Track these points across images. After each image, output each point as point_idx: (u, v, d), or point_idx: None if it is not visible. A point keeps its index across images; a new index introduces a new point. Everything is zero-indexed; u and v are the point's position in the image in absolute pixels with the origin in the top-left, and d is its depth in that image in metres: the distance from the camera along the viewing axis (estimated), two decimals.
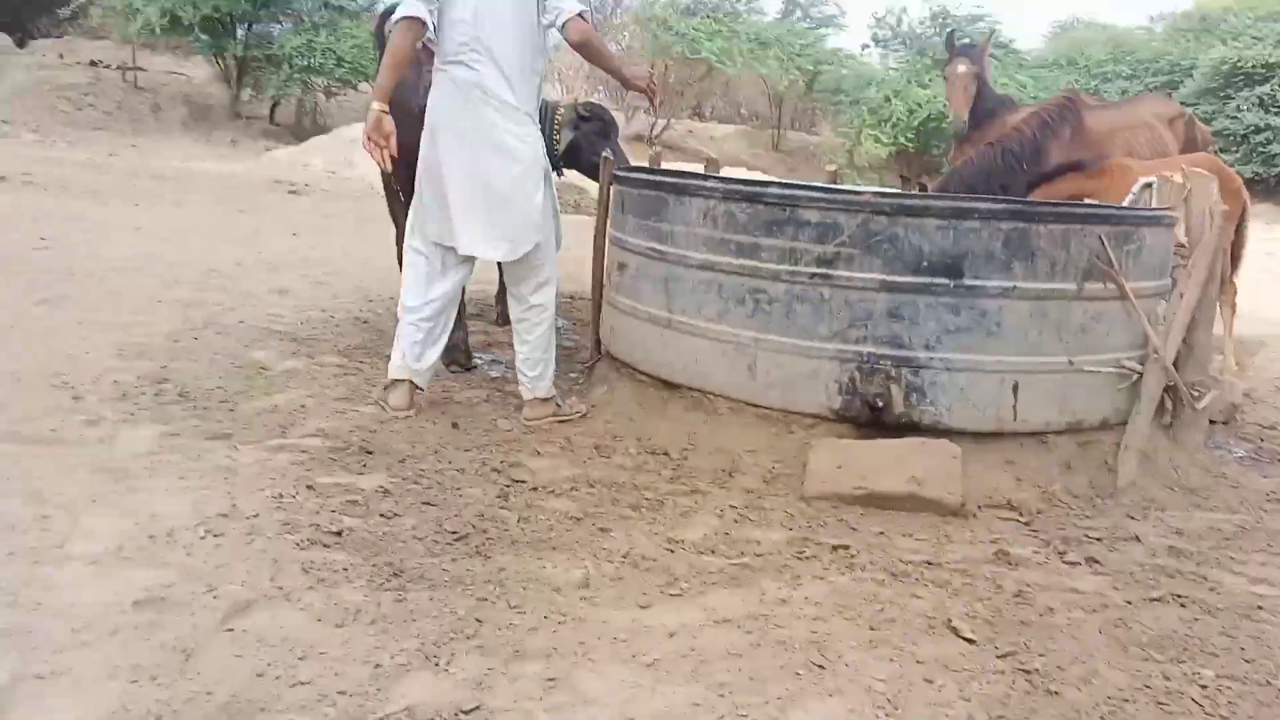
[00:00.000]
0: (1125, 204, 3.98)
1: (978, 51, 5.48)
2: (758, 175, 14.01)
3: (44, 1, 17.07)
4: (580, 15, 3.33)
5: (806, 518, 2.83)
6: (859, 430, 3.12)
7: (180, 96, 15.54)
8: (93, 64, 15.83)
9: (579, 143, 5.10)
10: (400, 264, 4.42)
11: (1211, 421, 3.72)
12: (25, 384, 3.46)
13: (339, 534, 2.48)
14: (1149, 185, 3.94)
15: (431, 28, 3.27)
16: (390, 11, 3.59)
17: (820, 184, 5.00)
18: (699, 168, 5.12)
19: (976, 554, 2.67)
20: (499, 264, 4.32)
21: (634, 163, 5.31)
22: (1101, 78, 19.63)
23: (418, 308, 3.54)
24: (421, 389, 3.62)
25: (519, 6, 3.34)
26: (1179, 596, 2.46)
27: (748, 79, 19.55)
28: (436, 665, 1.94)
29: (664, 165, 5.60)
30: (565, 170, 5.20)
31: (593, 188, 5.06)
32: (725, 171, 6.77)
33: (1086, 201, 4.29)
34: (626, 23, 20.28)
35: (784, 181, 4.49)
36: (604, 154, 4.27)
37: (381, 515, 2.63)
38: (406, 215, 4.19)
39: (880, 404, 3.08)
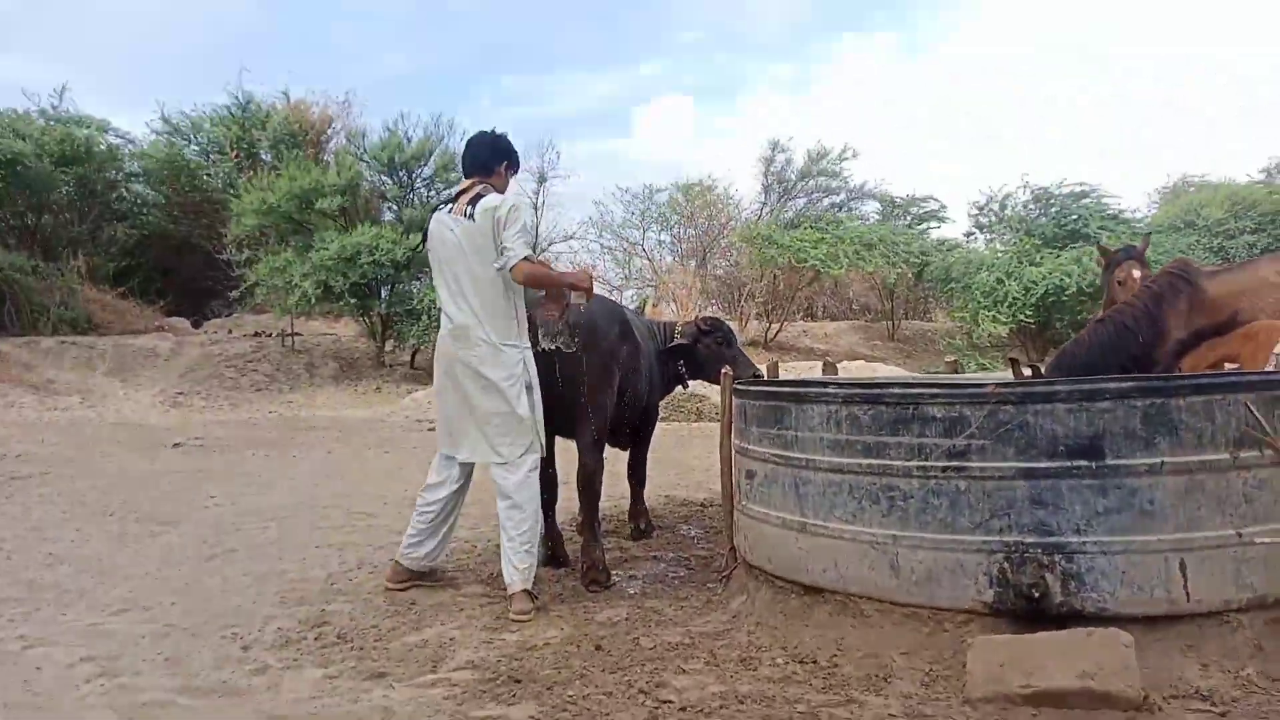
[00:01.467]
0: (1271, 367, 3.83)
1: (1139, 250, 5.55)
2: (877, 369, 14.03)
3: (217, 287, 19.33)
4: (526, 258, 3.98)
5: None
6: (1017, 624, 2.96)
7: (331, 353, 16.99)
8: (256, 335, 17.64)
9: (701, 355, 5.40)
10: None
11: None
12: (200, 638, 3.69)
13: None
14: None
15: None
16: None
17: (941, 375, 5.02)
18: (817, 367, 5.22)
19: None
20: (629, 479, 4.68)
21: (756, 366, 5.50)
22: (1224, 235, 19.25)
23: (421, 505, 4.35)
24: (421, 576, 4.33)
25: (481, 257, 4.02)
26: None
27: (856, 275, 20.04)
28: None
29: (781, 368, 5.75)
30: (690, 381, 5.49)
31: (713, 395, 5.20)
32: (844, 366, 6.86)
33: (1228, 368, 4.14)
34: (734, 241, 21.31)
35: (904, 379, 4.53)
36: (724, 369, 4.45)
37: None
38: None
39: (1037, 594, 2.93)
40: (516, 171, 4.36)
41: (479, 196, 4.05)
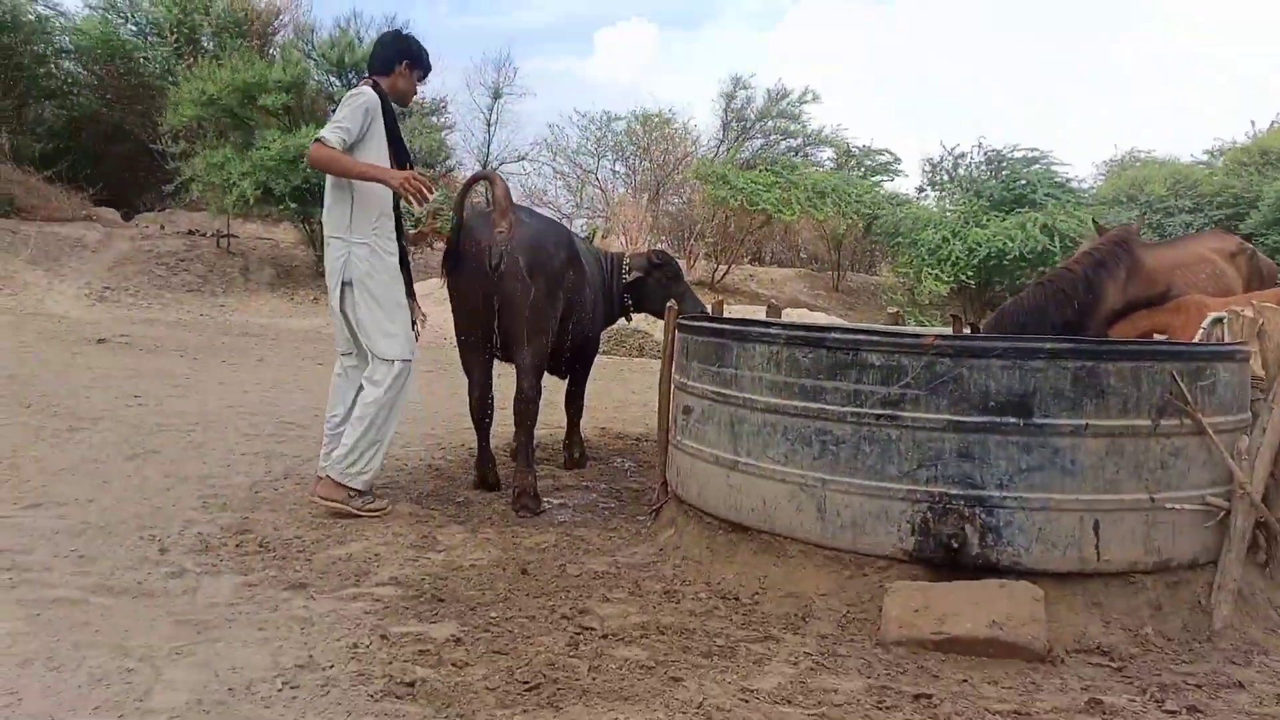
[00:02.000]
0: (1196, 339, 3.94)
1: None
2: (820, 317, 14.18)
3: (149, 179, 18.54)
4: (318, 140, 3.90)
5: (885, 665, 2.74)
6: (935, 572, 3.05)
7: (268, 259, 16.51)
8: (190, 233, 17.02)
9: (651, 288, 5.38)
10: (472, 412, 4.58)
11: None
12: (116, 537, 3.61)
13: (412, 685, 2.48)
14: (1219, 320, 3.92)
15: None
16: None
17: (882, 326, 5.07)
18: (761, 311, 5.24)
19: (1068, 702, 2.54)
20: (565, 408, 4.74)
21: (703, 303, 5.50)
22: (1164, 213, 19.69)
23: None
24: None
25: None
26: None
27: (806, 224, 20.07)
28: None
29: (725, 310, 5.75)
30: (634, 314, 5.47)
31: (656, 331, 5.19)
32: (787, 313, 6.89)
33: (1156, 338, 4.26)
34: (687, 177, 21.13)
35: (846, 326, 4.56)
36: (669, 303, 4.43)
37: (453, 665, 2.62)
38: (478, 365, 4.42)
39: (956, 544, 3.01)
40: (424, 74, 4.32)
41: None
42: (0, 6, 16.93)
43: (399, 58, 4.20)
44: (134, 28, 19.27)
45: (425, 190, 3.91)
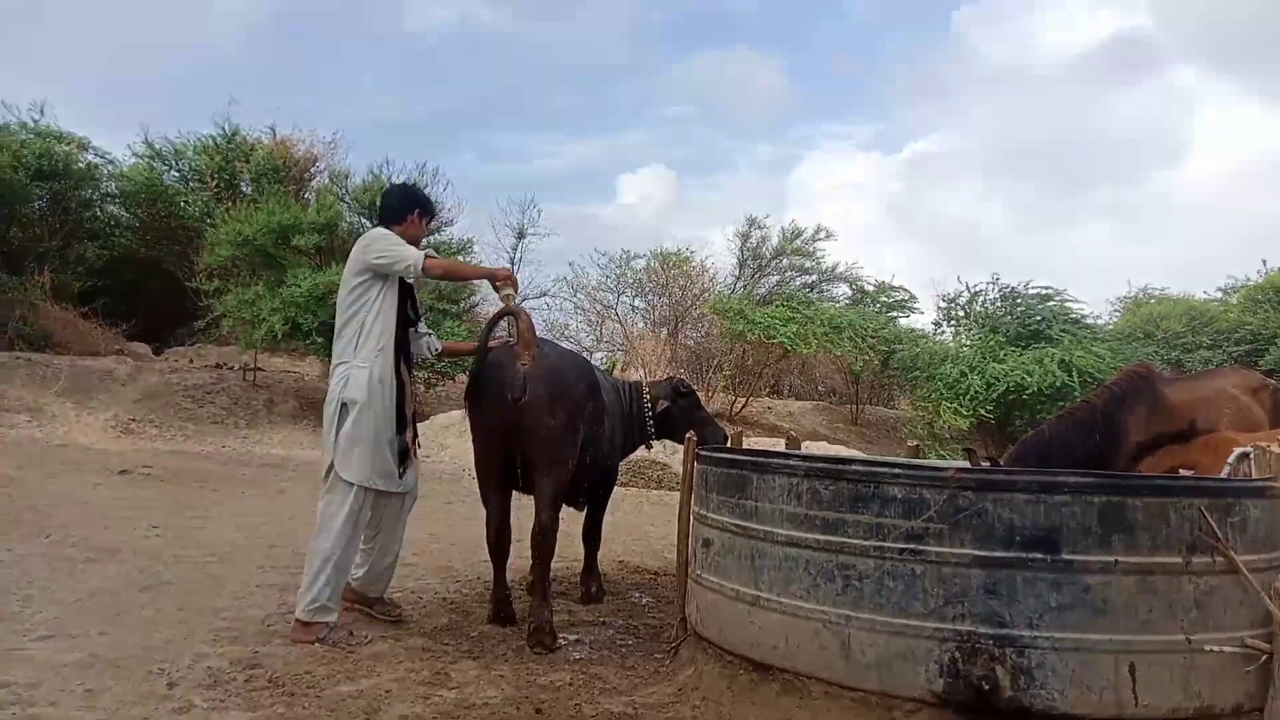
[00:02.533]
0: (1224, 475, 3.89)
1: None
2: (840, 450, 14.09)
3: (182, 314, 19.08)
4: (428, 255, 4.27)
5: None
6: (965, 716, 2.93)
7: (292, 391, 16.73)
8: (217, 366, 17.36)
9: (675, 416, 5.43)
10: (489, 544, 4.55)
11: None
12: (124, 670, 3.54)
13: None
14: (1245, 455, 3.87)
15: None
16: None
17: (902, 459, 5.04)
18: (780, 443, 5.23)
19: None
20: (583, 541, 4.79)
21: (723, 430, 5.52)
22: (1182, 349, 19.75)
23: None
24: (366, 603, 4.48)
25: (345, 285, 4.37)
26: None
27: (823, 357, 20.22)
28: None
29: (745, 441, 5.75)
30: (655, 441, 5.52)
31: (675, 463, 5.19)
32: (805, 446, 6.87)
33: (1182, 474, 4.20)
34: (705, 312, 21.48)
35: (867, 459, 4.55)
36: (689, 434, 4.44)
37: None
38: (497, 496, 4.45)
39: (987, 687, 2.90)
40: (430, 219, 4.71)
41: None
42: (54, 155, 17.91)
43: (411, 206, 4.53)
44: (177, 174, 20.27)
45: (515, 284, 4.44)
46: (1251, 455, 3.80)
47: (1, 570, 5.03)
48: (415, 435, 4.56)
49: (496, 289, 4.42)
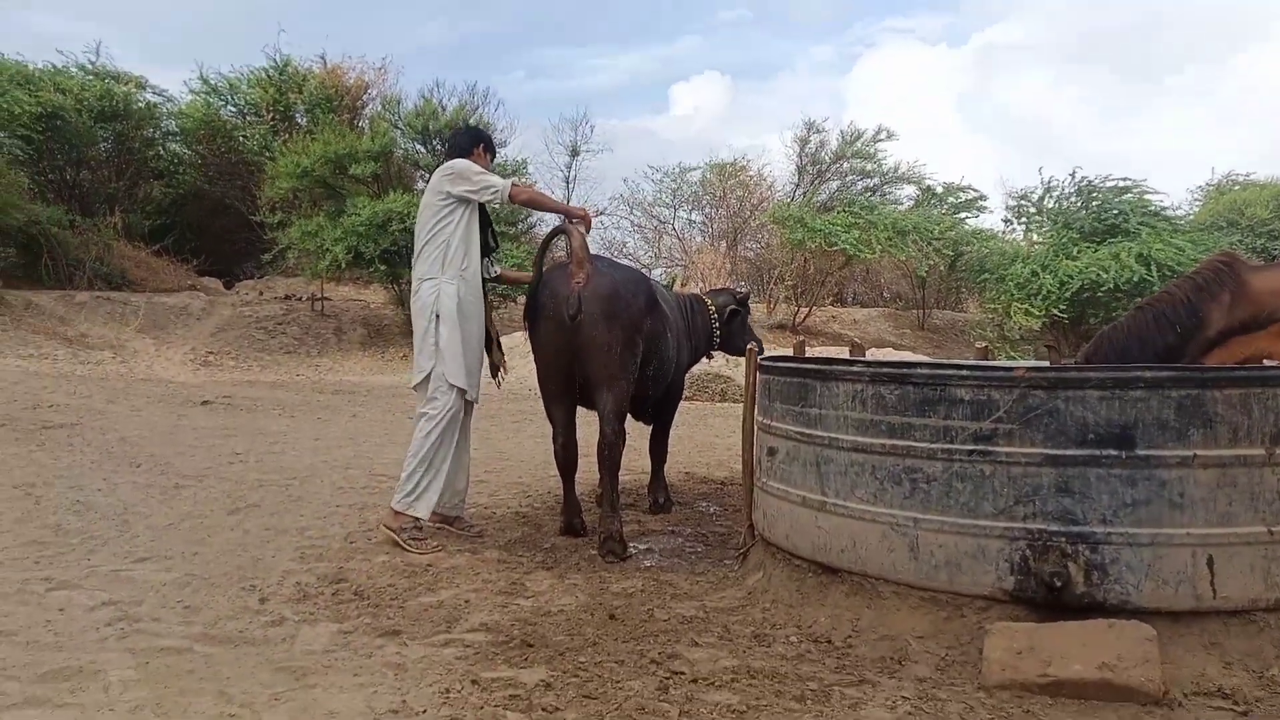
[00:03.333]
0: None
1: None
2: (906, 355, 13.91)
3: (249, 248, 19.50)
4: (514, 184, 4.58)
5: (988, 709, 2.62)
6: (1036, 613, 2.92)
7: (360, 319, 17.11)
8: (286, 298, 17.79)
9: (735, 326, 5.44)
10: (557, 459, 4.64)
11: None
12: (219, 588, 3.73)
13: None
14: None
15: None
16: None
17: (971, 361, 4.95)
18: (844, 351, 5.17)
19: None
20: (650, 454, 4.95)
21: (773, 350, 5.49)
22: (1268, 236, 18.85)
23: None
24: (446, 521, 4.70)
25: (427, 209, 4.57)
26: None
27: (888, 262, 19.82)
28: None
29: (808, 351, 5.70)
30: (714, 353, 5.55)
31: (738, 376, 5.18)
32: (871, 353, 6.79)
33: (1267, 363, 4.04)
34: (765, 222, 21.16)
35: (932, 361, 4.47)
36: (749, 344, 4.42)
37: (544, 710, 2.61)
38: (561, 412, 4.52)
39: (1059, 583, 2.88)
40: (494, 155, 4.99)
41: None
42: (114, 96, 18.19)
43: (477, 141, 4.81)
44: (233, 109, 20.48)
45: (588, 223, 4.69)
46: None
47: (99, 498, 5.31)
48: (502, 354, 4.97)
49: (569, 226, 4.51)
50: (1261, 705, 2.64)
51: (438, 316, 4.46)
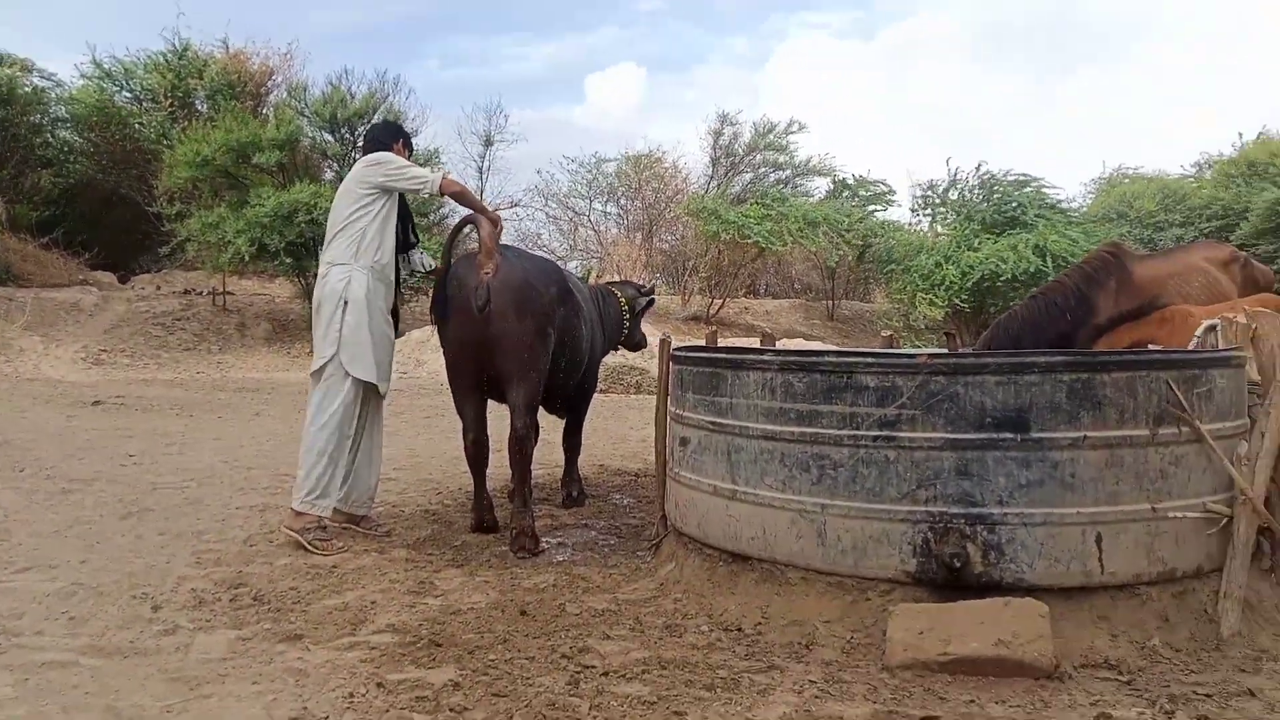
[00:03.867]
0: (1191, 347, 3.92)
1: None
2: (814, 345, 14.17)
3: (146, 241, 18.66)
4: (445, 175, 4.54)
5: (891, 689, 2.68)
6: (938, 593, 2.99)
7: (264, 314, 16.56)
8: (186, 292, 17.10)
9: (634, 323, 5.44)
10: (467, 455, 4.56)
11: None
12: (108, 597, 3.55)
13: None
14: (1213, 328, 3.90)
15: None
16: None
17: (876, 349, 5.05)
18: (756, 342, 5.22)
19: (1077, 718, 2.48)
20: (563, 447, 4.93)
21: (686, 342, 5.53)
22: (1154, 228, 19.77)
23: None
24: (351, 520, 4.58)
25: (343, 197, 4.53)
26: None
27: (799, 254, 20.12)
28: None
29: (721, 342, 5.74)
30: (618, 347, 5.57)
31: (653, 368, 5.19)
32: (782, 343, 6.88)
33: (1150, 347, 4.23)
34: (679, 214, 21.25)
35: (839, 350, 4.55)
36: (661, 337, 4.42)
37: (451, 710, 2.56)
38: (471, 407, 4.45)
39: (958, 564, 2.96)
40: (412, 151, 4.95)
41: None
42: None
43: (396, 136, 4.77)
44: (129, 95, 19.53)
45: (500, 230, 4.58)
46: (1218, 327, 3.83)
47: None
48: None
49: (478, 225, 4.45)
50: (1144, 674, 2.76)
51: (346, 303, 4.36)
